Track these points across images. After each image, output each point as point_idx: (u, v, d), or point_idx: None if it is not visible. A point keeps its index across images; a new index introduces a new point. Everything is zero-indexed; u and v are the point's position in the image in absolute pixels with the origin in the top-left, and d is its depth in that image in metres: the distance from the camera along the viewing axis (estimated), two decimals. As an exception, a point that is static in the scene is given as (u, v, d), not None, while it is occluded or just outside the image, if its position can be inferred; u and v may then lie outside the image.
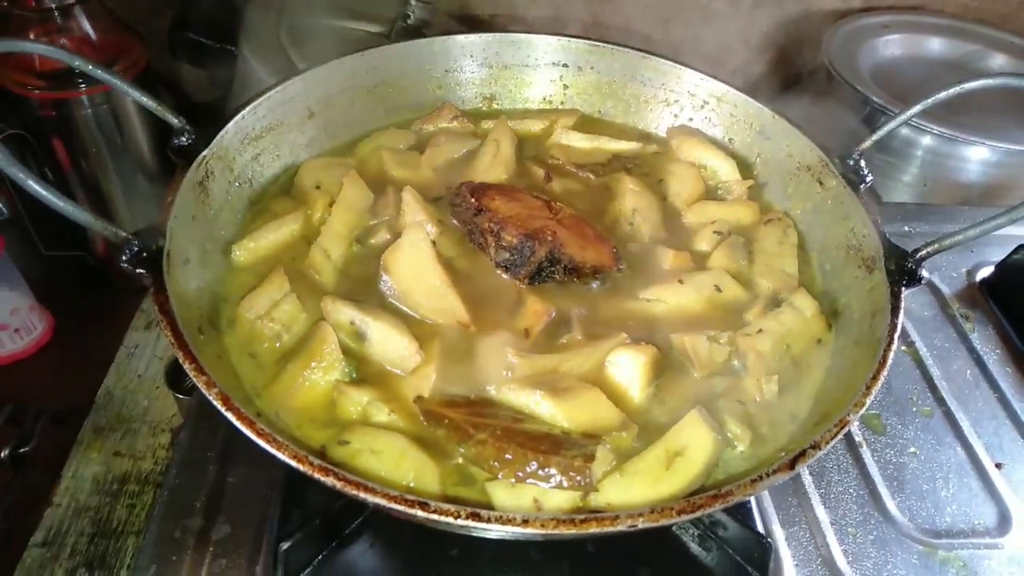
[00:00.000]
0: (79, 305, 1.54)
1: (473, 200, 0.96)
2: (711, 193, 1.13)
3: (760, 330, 0.89)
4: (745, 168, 1.15)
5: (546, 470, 0.68)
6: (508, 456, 0.70)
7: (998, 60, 1.83)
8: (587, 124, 1.23)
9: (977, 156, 1.55)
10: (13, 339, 1.42)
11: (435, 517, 0.60)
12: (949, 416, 1.12)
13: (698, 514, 0.62)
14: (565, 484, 0.68)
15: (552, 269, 0.92)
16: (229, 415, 0.65)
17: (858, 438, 1.08)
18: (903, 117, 0.97)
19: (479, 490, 0.72)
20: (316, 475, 0.62)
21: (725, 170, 1.13)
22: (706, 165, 1.14)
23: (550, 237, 0.92)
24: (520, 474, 0.69)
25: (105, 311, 1.53)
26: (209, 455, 0.98)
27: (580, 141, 1.18)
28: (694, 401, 0.81)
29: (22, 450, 1.26)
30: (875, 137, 0.99)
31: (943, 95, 0.94)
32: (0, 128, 1.30)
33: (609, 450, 0.74)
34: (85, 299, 1.57)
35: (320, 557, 0.86)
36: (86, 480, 1.25)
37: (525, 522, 0.60)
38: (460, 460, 0.75)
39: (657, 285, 0.94)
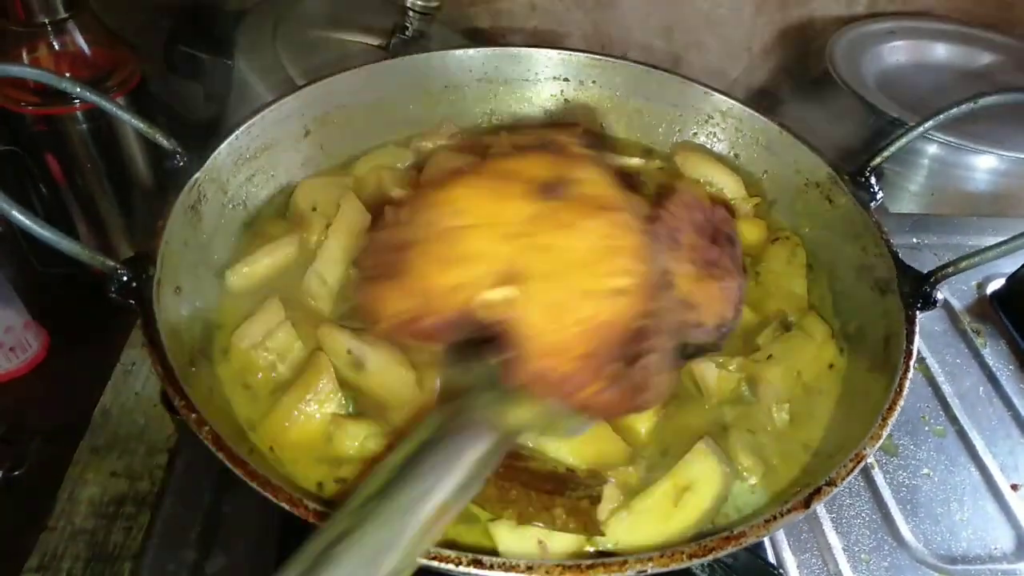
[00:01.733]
0: (75, 322, 1.51)
1: None
2: None
3: (770, 356, 0.86)
4: (752, 185, 1.12)
5: (551, 511, 0.66)
6: (512, 496, 0.67)
7: (1006, 67, 1.80)
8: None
9: (985, 165, 1.53)
10: (8, 357, 1.40)
11: (435, 564, 0.58)
12: (963, 435, 1.10)
13: (710, 558, 0.60)
14: (571, 526, 0.65)
15: None
16: (220, 455, 0.63)
17: (870, 460, 1.05)
18: (915, 133, 0.94)
19: (481, 530, 0.69)
20: (312, 520, 0.60)
21: (731, 187, 1.10)
22: (712, 182, 1.11)
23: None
24: (523, 515, 0.66)
25: (101, 328, 1.51)
26: (204, 483, 0.95)
27: None
28: (702, 431, 0.78)
29: (16, 472, 1.24)
30: (886, 153, 0.96)
31: (955, 111, 0.91)
32: (-9, 145, 1.29)
33: (615, 485, 0.71)
34: (81, 316, 1.54)
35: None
36: (82, 502, 1.22)
37: (529, 569, 0.57)
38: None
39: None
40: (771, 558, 0.92)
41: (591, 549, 0.68)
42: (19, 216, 0.67)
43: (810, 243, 1.03)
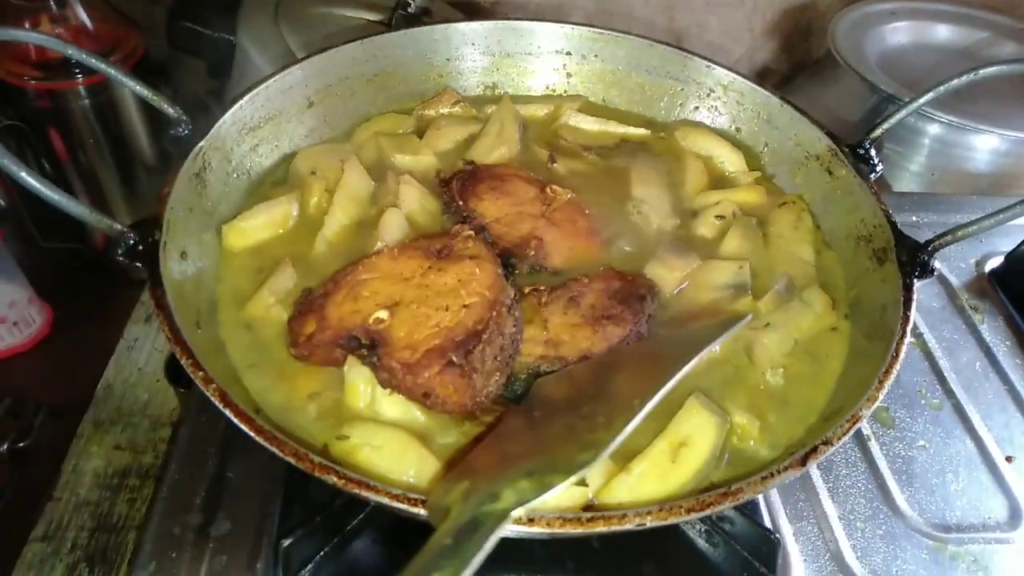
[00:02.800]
0: (78, 298, 1.53)
1: (460, 202, 0.95)
2: (717, 184, 1.10)
3: (767, 324, 0.87)
4: (752, 158, 1.13)
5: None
6: None
7: (1007, 47, 1.80)
8: (592, 109, 1.21)
9: (986, 145, 1.53)
10: (12, 332, 1.41)
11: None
12: (958, 409, 1.11)
13: (707, 512, 0.61)
14: None
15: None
16: (227, 411, 0.64)
17: (867, 431, 1.06)
18: (915, 105, 0.95)
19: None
20: (317, 473, 0.61)
21: (732, 160, 1.11)
22: (713, 156, 1.12)
23: (532, 250, 0.91)
24: None
25: (104, 303, 1.52)
26: (209, 450, 0.96)
27: (589, 123, 1.16)
28: (696, 388, 0.80)
29: (21, 444, 1.25)
30: (886, 125, 0.97)
31: (955, 82, 0.92)
32: (-4, 119, 1.29)
33: None
34: (84, 292, 1.55)
35: (322, 554, 0.85)
36: (86, 474, 1.24)
37: (531, 521, 0.59)
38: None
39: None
40: (768, 525, 0.93)
41: (584, 501, 0.69)
42: (28, 178, 0.68)
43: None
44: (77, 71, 1.28)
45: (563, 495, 0.67)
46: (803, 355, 0.87)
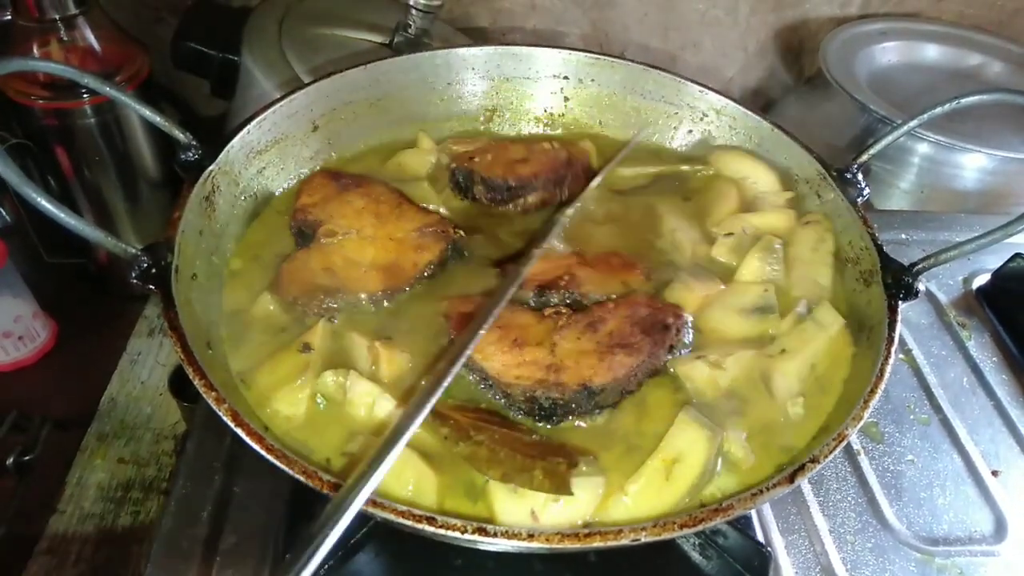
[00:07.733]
0: (82, 312, 1.55)
1: (493, 177, 1.01)
2: (749, 207, 1.09)
3: (783, 350, 0.86)
4: (787, 180, 1.11)
5: (530, 472, 0.71)
6: (500, 457, 0.73)
7: (995, 67, 1.84)
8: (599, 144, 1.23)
9: (974, 164, 1.56)
10: (17, 346, 1.43)
11: (442, 532, 0.61)
12: (946, 424, 1.13)
13: (700, 528, 0.64)
14: (546, 486, 0.70)
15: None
16: (239, 431, 0.66)
17: (856, 446, 1.09)
18: (900, 131, 0.98)
19: (484, 506, 0.73)
20: (325, 491, 0.63)
21: (765, 181, 1.10)
22: (746, 176, 1.11)
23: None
24: (507, 475, 0.72)
25: (107, 318, 1.55)
26: (215, 465, 0.99)
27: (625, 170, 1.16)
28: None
29: (27, 457, 1.27)
30: (872, 151, 1.00)
31: (939, 110, 0.95)
32: (3, 138, 1.31)
33: (593, 461, 0.76)
34: (88, 306, 1.58)
35: (325, 568, 0.86)
36: (90, 487, 1.26)
37: (531, 536, 0.61)
38: (459, 475, 0.76)
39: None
40: (760, 538, 0.95)
41: (580, 522, 0.72)
42: (46, 204, 0.70)
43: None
44: (83, 91, 1.30)
45: (562, 514, 0.70)
46: (815, 383, 0.86)
